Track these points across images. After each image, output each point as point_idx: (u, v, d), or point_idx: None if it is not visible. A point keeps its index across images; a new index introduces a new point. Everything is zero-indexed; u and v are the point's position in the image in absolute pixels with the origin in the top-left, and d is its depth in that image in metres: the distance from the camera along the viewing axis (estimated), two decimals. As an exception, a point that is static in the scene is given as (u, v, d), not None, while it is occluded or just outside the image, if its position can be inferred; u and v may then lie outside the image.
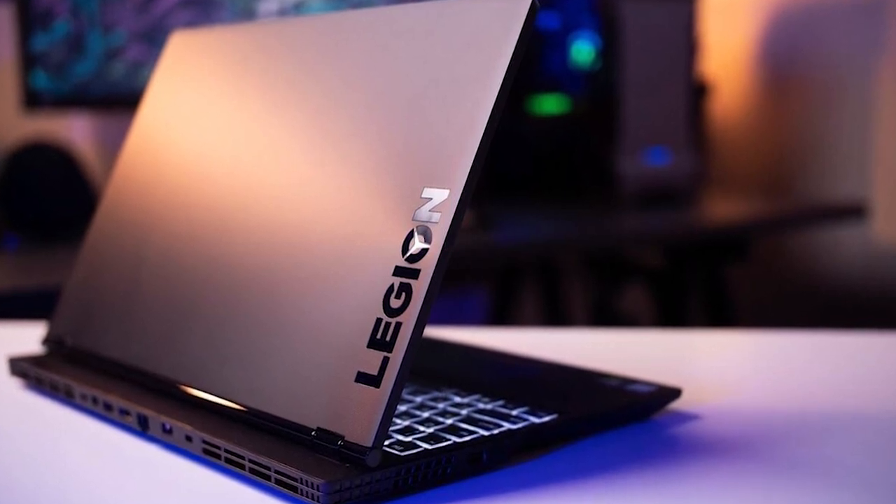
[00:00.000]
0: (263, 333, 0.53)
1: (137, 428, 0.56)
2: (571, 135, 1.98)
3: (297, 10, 1.62)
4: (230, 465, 0.50)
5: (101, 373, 0.62)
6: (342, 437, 0.46)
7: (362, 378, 0.46)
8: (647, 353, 0.78)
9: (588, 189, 1.95)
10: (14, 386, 0.67)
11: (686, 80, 1.91)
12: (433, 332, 0.77)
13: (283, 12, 1.61)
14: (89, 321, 0.65)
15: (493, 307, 2.13)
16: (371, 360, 0.46)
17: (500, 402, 0.57)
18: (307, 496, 0.45)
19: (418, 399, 0.58)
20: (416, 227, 0.47)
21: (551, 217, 1.78)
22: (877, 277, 2.10)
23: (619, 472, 0.50)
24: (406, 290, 0.46)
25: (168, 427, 0.53)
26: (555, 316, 2.13)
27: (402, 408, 0.56)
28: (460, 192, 0.47)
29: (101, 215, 0.69)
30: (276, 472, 0.47)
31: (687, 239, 1.83)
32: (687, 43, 1.91)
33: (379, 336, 0.47)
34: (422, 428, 0.52)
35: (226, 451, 0.50)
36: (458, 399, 0.58)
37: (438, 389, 0.60)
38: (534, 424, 0.53)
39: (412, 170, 0.49)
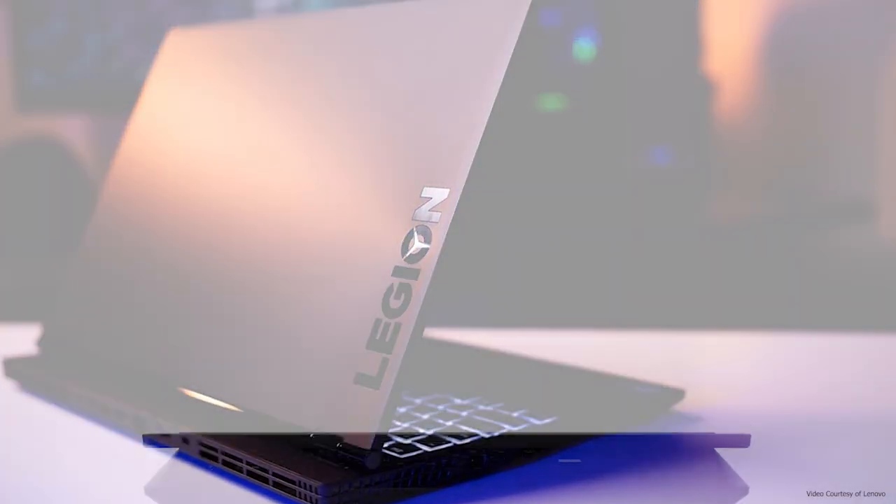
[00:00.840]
0: (261, 334, 0.52)
1: (133, 430, 0.55)
2: (573, 133, 1.98)
3: (296, 7, 1.61)
4: (227, 468, 0.49)
5: (97, 374, 0.61)
6: (341, 439, 0.46)
7: (361, 379, 0.46)
8: (650, 354, 0.77)
9: (590, 188, 1.94)
10: (9, 388, 0.67)
11: (690, 77, 1.91)
12: (433, 332, 0.76)
13: (281, 9, 1.60)
14: (85, 322, 0.65)
15: (493, 307, 2.13)
16: (370, 362, 0.46)
17: (501, 404, 0.56)
18: (305, 499, 0.45)
19: (418, 401, 0.57)
20: (416, 227, 0.47)
21: (552, 216, 1.77)
22: (882, 277, 2.09)
23: (621, 475, 0.50)
24: (405, 290, 0.46)
25: (165, 429, 0.53)
26: (555, 316, 2.13)
27: (401, 409, 0.55)
28: (460, 191, 0.46)
29: (98, 215, 0.68)
30: (274, 474, 0.46)
31: (690, 238, 1.82)
32: (691, 40, 1.90)
33: (378, 337, 0.46)
34: (422, 430, 0.52)
35: (223, 453, 0.49)
36: (458, 401, 0.57)
37: (438, 391, 0.59)
38: (535, 426, 0.53)
39: (412, 169, 0.49)
